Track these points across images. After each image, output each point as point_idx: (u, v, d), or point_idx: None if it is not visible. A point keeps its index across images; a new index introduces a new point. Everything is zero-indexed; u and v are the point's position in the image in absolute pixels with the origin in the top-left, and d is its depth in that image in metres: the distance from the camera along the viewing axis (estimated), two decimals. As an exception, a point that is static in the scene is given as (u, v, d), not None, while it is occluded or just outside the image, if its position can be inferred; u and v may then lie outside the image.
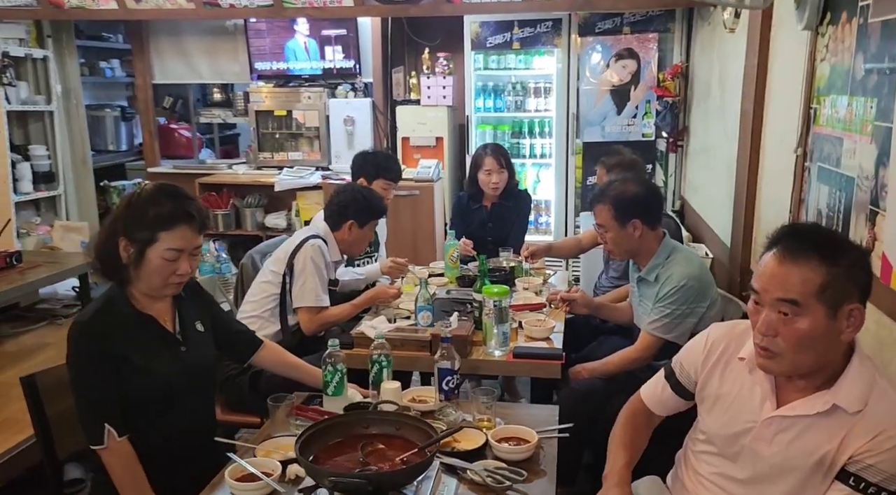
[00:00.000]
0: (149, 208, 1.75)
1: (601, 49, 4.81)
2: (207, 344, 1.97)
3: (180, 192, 1.83)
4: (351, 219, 2.87)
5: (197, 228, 1.79)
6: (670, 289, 2.36)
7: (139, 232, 1.74)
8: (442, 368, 1.97)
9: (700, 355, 1.64)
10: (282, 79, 5.18)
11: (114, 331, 1.75)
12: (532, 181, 5.25)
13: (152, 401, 1.79)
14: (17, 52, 4.82)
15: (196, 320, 1.95)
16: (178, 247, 1.75)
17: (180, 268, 1.78)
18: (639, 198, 2.44)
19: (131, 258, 1.75)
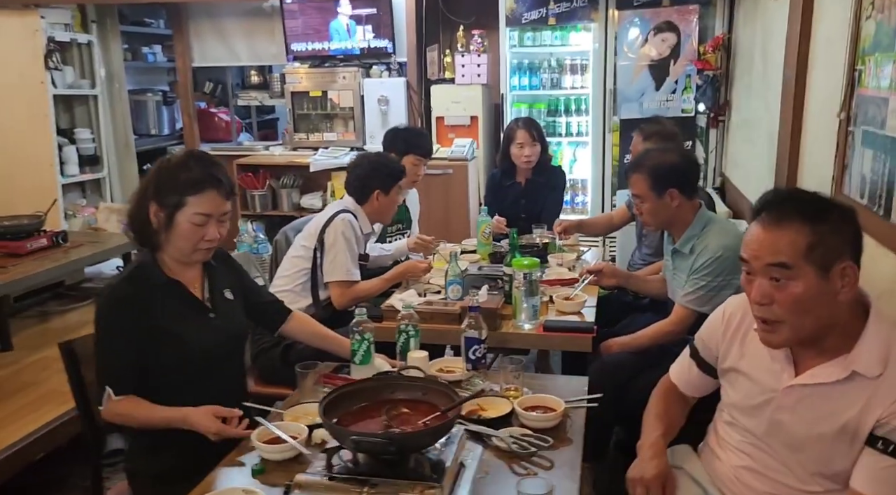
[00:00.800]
0: (178, 173, 1.78)
1: (639, 23, 4.70)
2: (237, 312, 1.99)
3: (209, 158, 1.86)
4: (376, 188, 2.87)
5: (225, 194, 1.80)
6: (706, 261, 2.31)
7: (168, 196, 1.76)
8: (469, 337, 1.96)
9: (719, 328, 1.61)
10: (317, 59, 5.20)
11: (143, 298, 1.77)
12: (568, 160, 5.18)
13: (182, 367, 1.81)
14: (63, 37, 4.93)
15: (225, 288, 1.97)
16: (205, 212, 1.77)
17: (209, 234, 1.79)
18: (676, 167, 2.39)
19: (161, 223, 1.78)
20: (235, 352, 1.99)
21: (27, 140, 4.80)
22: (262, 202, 5.17)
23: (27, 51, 4.67)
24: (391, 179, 2.90)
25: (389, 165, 2.94)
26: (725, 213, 3.91)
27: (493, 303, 2.44)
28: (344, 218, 2.82)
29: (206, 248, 1.83)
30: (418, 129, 3.52)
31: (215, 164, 1.84)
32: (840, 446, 1.36)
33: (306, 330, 2.19)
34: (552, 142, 5.07)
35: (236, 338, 1.98)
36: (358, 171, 2.92)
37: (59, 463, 2.89)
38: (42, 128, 4.79)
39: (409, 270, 2.86)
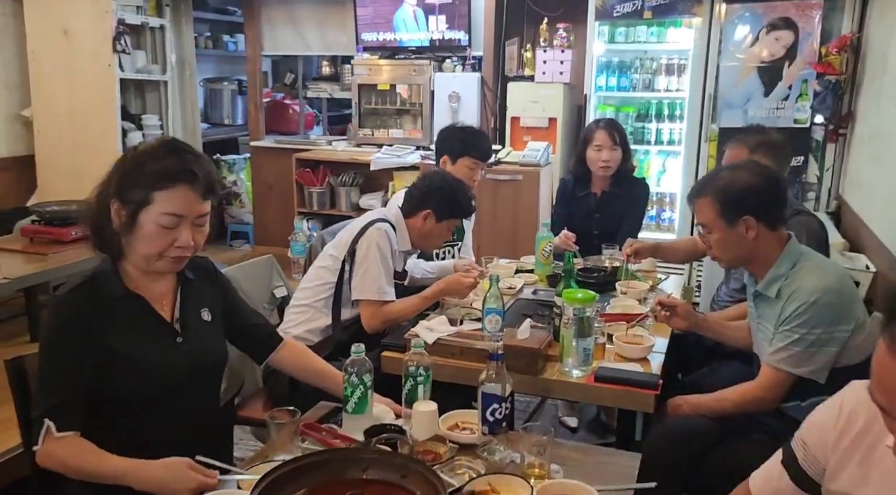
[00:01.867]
0: (145, 163, 1.47)
1: (750, 18, 4.10)
2: (213, 336, 1.65)
3: (187, 148, 1.54)
4: (430, 208, 2.49)
5: (201, 191, 1.49)
6: (798, 307, 1.80)
7: (132, 191, 1.45)
8: (487, 394, 1.54)
9: (831, 432, 1.13)
10: (388, 51, 4.88)
11: (95, 313, 1.47)
12: (657, 171, 4.63)
13: (138, 399, 1.50)
14: (134, 20, 4.83)
15: (203, 307, 1.65)
16: (175, 212, 1.46)
17: (180, 239, 1.48)
18: (753, 188, 1.89)
19: (123, 224, 1.46)
20: (207, 383, 1.65)
21: (94, 123, 4.72)
22: (319, 200, 4.89)
23: (98, 33, 4.58)
24: (451, 209, 2.52)
25: (460, 197, 2.53)
26: (841, 245, 3.30)
27: (534, 342, 2.00)
28: (380, 227, 2.45)
29: (176, 257, 1.51)
30: (477, 129, 3.11)
31: (194, 155, 1.53)
32: None
33: (299, 362, 1.84)
34: (639, 151, 4.56)
35: (209, 366, 1.64)
36: (425, 182, 2.56)
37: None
38: (108, 112, 4.70)
39: (451, 287, 2.45)
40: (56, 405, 1.43)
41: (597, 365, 2.00)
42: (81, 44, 4.63)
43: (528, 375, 1.97)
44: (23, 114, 4.83)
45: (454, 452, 1.51)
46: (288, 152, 4.93)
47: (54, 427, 1.41)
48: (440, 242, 2.68)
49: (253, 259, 2.69)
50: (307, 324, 2.43)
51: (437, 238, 2.60)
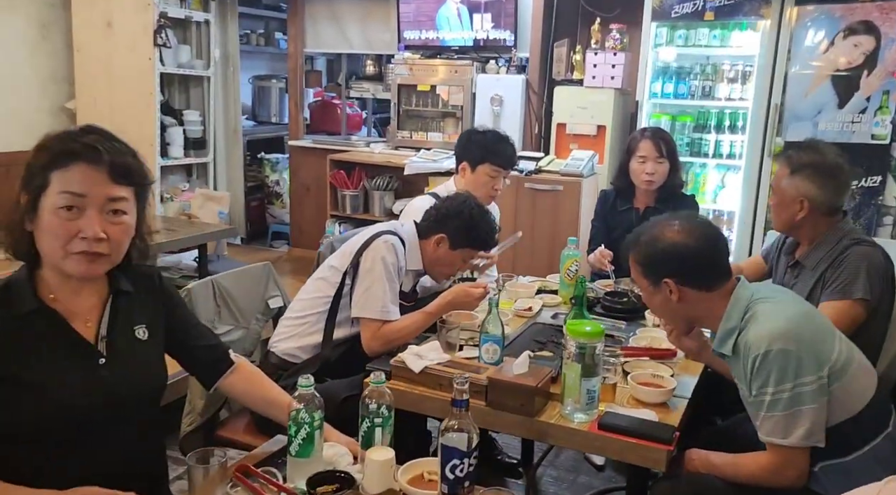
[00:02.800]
0: (51, 145, 1.28)
1: (825, 21, 3.70)
2: (147, 357, 1.44)
3: (101, 131, 1.33)
4: (445, 232, 2.26)
5: (106, 170, 1.26)
6: (752, 364, 1.54)
7: (34, 177, 1.27)
8: (448, 447, 1.28)
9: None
10: (430, 50, 4.67)
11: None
12: (714, 186, 4.25)
13: (44, 431, 1.28)
14: (177, 14, 4.78)
15: (139, 324, 1.44)
16: (74, 191, 1.24)
17: (84, 228, 1.25)
18: (677, 248, 1.65)
19: (25, 214, 1.27)
20: (136, 411, 1.41)
21: (133, 116, 4.69)
22: (353, 203, 4.72)
23: (139, 25, 4.55)
24: (467, 238, 2.28)
25: (480, 226, 2.29)
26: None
27: (531, 379, 1.73)
28: (388, 240, 2.22)
29: (84, 254, 1.27)
30: (500, 133, 2.85)
31: (108, 138, 1.31)
32: None
33: (251, 390, 1.62)
34: (696, 164, 4.21)
35: (140, 392, 1.41)
36: (447, 203, 2.33)
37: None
38: (147, 106, 4.66)
39: (457, 299, 2.19)
40: None
41: (604, 408, 1.73)
42: (123, 36, 4.61)
43: (523, 416, 1.71)
44: (67, 106, 4.86)
45: (406, 513, 1.28)
46: (325, 153, 4.79)
47: None
48: (451, 272, 2.41)
49: (247, 265, 2.52)
50: (297, 340, 2.23)
51: (448, 267, 2.36)
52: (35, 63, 4.69)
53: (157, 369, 1.47)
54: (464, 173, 2.79)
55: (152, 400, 1.47)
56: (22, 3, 4.57)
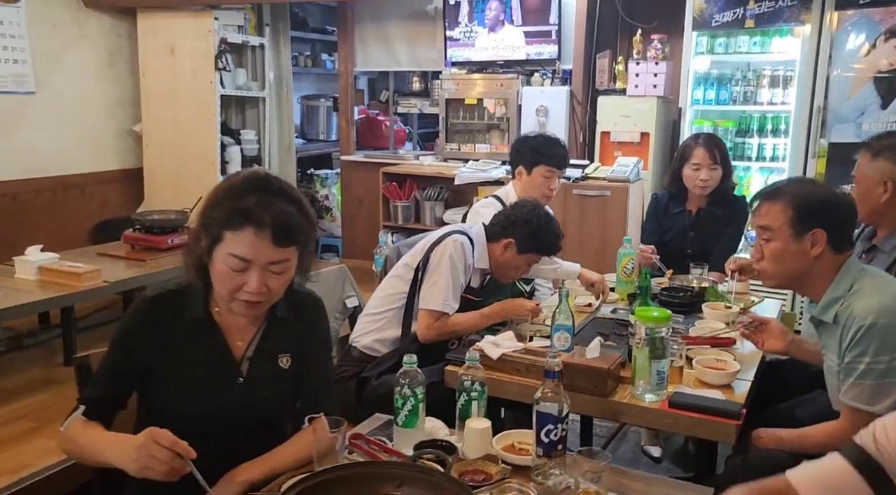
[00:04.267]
0: (225, 198, 1.39)
1: (866, 25, 3.79)
2: (283, 387, 1.52)
3: (272, 187, 1.39)
4: (513, 237, 2.40)
5: (270, 238, 1.35)
6: (855, 334, 1.63)
7: (211, 225, 1.39)
8: (543, 413, 1.43)
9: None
10: (476, 65, 4.85)
11: (162, 330, 1.43)
12: (757, 189, 4.32)
13: (176, 429, 1.31)
14: (235, 39, 5.05)
15: (284, 352, 1.52)
16: (241, 255, 1.35)
17: (249, 284, 1.37)
18: (833, 203, 1.75)
19: (204, 255, 1.41)
20: (264, 431, 1.48)
21: (195, 137, 4.96)
22: (404, 214, 4.91)
23: (200, 50, 4.82)
24: (532, 244, 2.41)
25: (546, 233, 2.42)
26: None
27: (604, 362, 1.87)
28: (458, 240, 2.38)
29: (247, 301, 1.40)
30: (550, 136, 3.01)
31: (273, 195, 1.38)
32: None
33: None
34: (739, 167, 4.30)
35: (268, 418, 1.50)
36: (516, 210, 2.47)
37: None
38: (209, 127, 4.93)
39: (511, 309, 2.35)
40: (96, 397, 1.43)
41: (672, 389, 1.85)
42: (185, 62, 4.89)
43: (596, 397, 1.85)
44: (133, 129, 5.14)
45: (506, 473, 1.42)
46: (376, 167, 4.99)
47: (82, 413, 1.40)
48: (517, 275, 2.56)
49: (325, 268, 2.70)
50: (376, 334, 2.40)
51: (513, 270, 2.49)
52: (103, 89, 5.00)
53: (289, 398, 1.53)
54: (520, 177, 2.94)
55: (278, 422, 1.52)
56: (91, 33, 4.88)
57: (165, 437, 1.22)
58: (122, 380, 1.45)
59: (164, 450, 1.21)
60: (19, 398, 2.97)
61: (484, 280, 2.57)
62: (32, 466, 2.40)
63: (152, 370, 1.44)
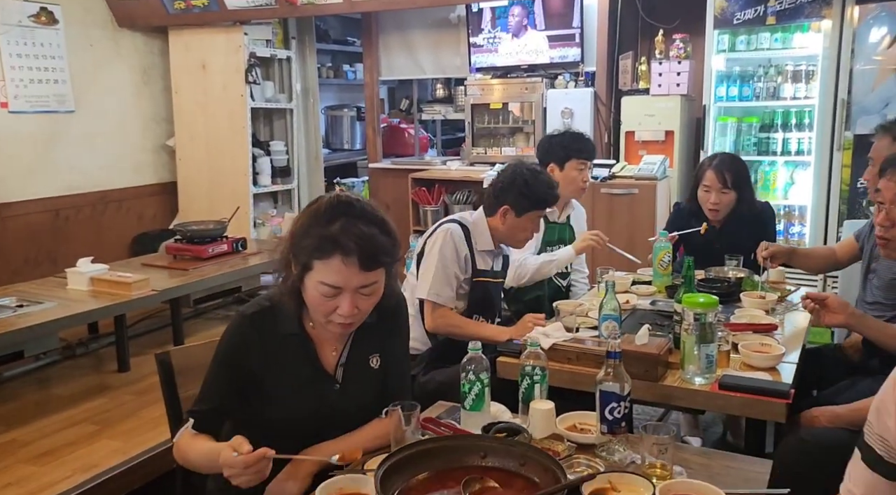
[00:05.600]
0: (312, 226, 1.44)
1: (887, 18, 3.85)
2: (377, 384, 1.62)
3: (355, 212, 1.43)
4: (506, 203, 2.46)
5: (357, 263, 1.40)
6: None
7: (300, 254, 1.45)
8: (606, 392, 1.51)
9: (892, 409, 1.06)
10: (500, 70, 4.95)
11: (262, 345, 1.51)
12: (784, 183, 4.39)
13: (278, 435, 1.43)
14: (264, 53, 5.18)
15: (374, 353, 1.62)
16: (331, 284, 1.42)
17: (342, 308, 1.44)
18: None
19: (296, 281, 1.48)
20: (357, 426, 1.58)
21: (227, 150, 5.09)
22: (434, 218, 4.99)
23: (231, 65, 4.95)
24: (526, 201, 2.45)
25: (536, 186, 2.46)
26: None
27: (653, 348, 1.95)
28: (447, 229, 2.44)
29: (341, 323, 1.48)
30: (575, 131, 3.09)
31: (360, 220, 1.42)
32: None
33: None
34: (765, 162, 4.37)
35: (364, 414, 1.59)
36: (499, 179, 2.54)
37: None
38: (240, 140, 5.05)
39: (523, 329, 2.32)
40: (203, 410, 1.51)
41: (721, 373, 1.92)
42: (217, 77, 5.03)
43: (648, 381, 1.92)
44: (167, 144, 5.29)
45: (572, 451, 1.50)
46: (404, 173, 5.09)
47: (192, 426, 1.49)
48: (528, 236, 2.57)
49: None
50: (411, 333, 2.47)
51: (522, 232, 2.52)
52: (138, 105, 5.15)
53: (380, 395, 1.60)
54: (553, 174, 2.98)
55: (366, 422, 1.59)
56: (126, 52, 5.04)
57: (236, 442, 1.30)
58: (229, 393, 1.52)
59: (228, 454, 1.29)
60: (78, 404, 3.07)
61: (496, 262, 2.58)
62: (101, 465, 2.51)
63: (255, 381, 1.51)
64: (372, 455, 1.48)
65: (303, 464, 1.47)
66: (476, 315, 2.51)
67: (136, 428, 2.81)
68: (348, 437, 1.53)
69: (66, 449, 2.65)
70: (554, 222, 3.04)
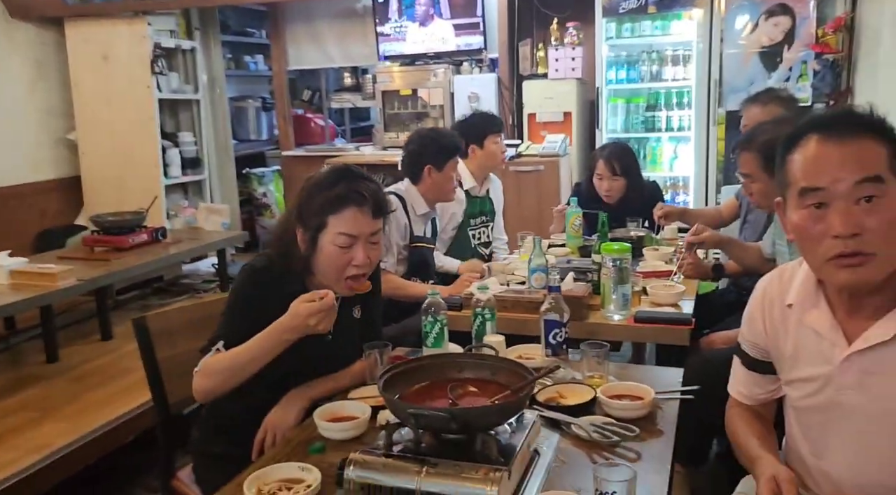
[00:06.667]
0: (318, 192, 1.64)
1: (749, 7, 4.37)
2: (357, 330, 1.82)
3: (352, 173, 1.68)
4: (427, 164, 2.75)
5: (370, 211, 1.62)
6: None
7: (311, 218, 1.63)
8: (549, 320, 1.79)
9: (759, 318, 1.37)
10: (408, 58, 5.17)
11: (269, 297, 1.65)
12: (668, 157, 4.88)
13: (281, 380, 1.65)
14: (168, 44, 5.14)
15: (356, 305, 1.82)
16: (348, 232, 1.61)
17: (356, 258, 1.63)
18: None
19: (308, 248, 1.65)
20: (344, 368, 1.78)
21: (135, 142, 5.02)
22: (353, 201, 5.16)
23: (135, 56, 4.89)
24: (444, 154, 2.76)
25: (441, 140, 2.80)
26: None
27: (579, 291, 2.25)
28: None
29: (355, 275, 1.66)
30: (483, 111, 3.40)
31: (361, 179, 1.67)
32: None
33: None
34: (651, 138, 4.83)
35: (347, 357, 1.79)
36: (410, 147, 2.83)
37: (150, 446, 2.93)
38: (148, 131, 5.00)
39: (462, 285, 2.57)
40: (230, 338, 1.62)
41: (635, 310, 2.25)
42: (120, 68, 4.95)
43: (576, 321, 2.21)
44: (68, 137, 5.14)
45: (524, 373, 1.76)
46: (318, 160, 5.20)
47: (223, 346, 1.60)
48: (453, 184, 2.85)
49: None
50: None
51: (448, 182, 2.81)
52: (34, 99, 4.98)
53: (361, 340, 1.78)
54: (474, 154, 3.22)
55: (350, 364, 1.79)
56: (19, 45, 4.86)
57: (307, 296, 1.53)
58: (247, 329, 1.63)
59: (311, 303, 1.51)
60: (11, 395, 3.05)
61: (429, 226, 2.88)
62: (53, 445, 2.55)
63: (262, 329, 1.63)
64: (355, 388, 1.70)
65: (296, 398, 1.65)
66: (414, 277, 2.74)
67: (81, 410, 2.85)
68: (335, 377, 1.73)
69: (10, 435, 2.66)
70: (476, 196, 3.29)
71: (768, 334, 1.36)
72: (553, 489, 1.25)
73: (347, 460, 1.25)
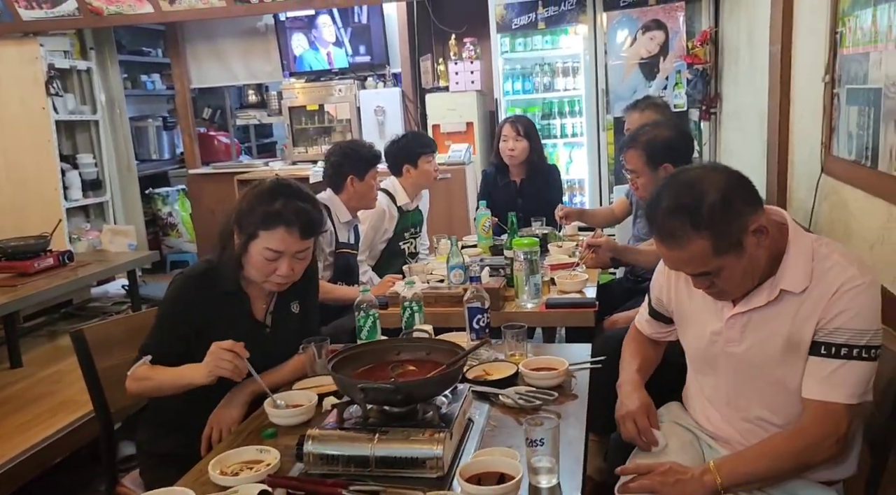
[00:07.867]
0: (257, 204, 1.74)
1: (627, 22, 4.79)
2: (299, 325, 1.94)
3: (293, 192, 1.78)
4: (349, 174, 2.88)
5: (298, 232, 1.73)
6: None
7: (246, 225, 1.74)
8: (472, 307, 1.99)
9: (663, 276, 1.67)
10: (313, 74, 5.29)
11: (203, 301, 1.76)
12: (565, 161, 5.24)
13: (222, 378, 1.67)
14: (63, 64, 5.02)
15: (294, 300, 1.93)
16: (275, 249, 1.73)
17: (280, 269, 1.75)
18: (671, 141, 2.46)
19: (239, 247, 1.76)
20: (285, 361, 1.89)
21: (32, 166, 4.86)
22: (264, 216, 5.20)
23: (27, 78, 4.75)
24: (364, 164, 2.90)
25: (360, 151, 2.94)
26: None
27: (495, 283, 2.47)
28: None
29: (278, 283, 1.79)
30: (413, 132, 3.58)
31: (298, 199, 1.76)
32: (792, 364, 1.42)
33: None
34: (548, 145, 5.14)
35: (287, 351, 1.90)
36: (332, 159, 2.95)
37: (79, 468, 2.91)
38: (45, 154, 4.86)
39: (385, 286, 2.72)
40: (156, 352, 1.73)
41: (545, 298, 2.49)
42: (12, 90, 4.79)
43: (493, 311, 2.42)
44: (-44, 162, 4.92)
45: (452, 357, 1.95)
46: (226, 177, 5.22)
47: (149, 361, 1.72)
48: (375, 193, 3.01)
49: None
50: None
51: (370, 191, 2.95)
52: (-83, 124, 4.74)
53: (300, 335, 1.90)
54: (409, 174, 3.34)
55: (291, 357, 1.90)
56: None
57: (226, 343, 1.63)
58: (175, 340, 1.75)
59: (227, 352, 1.61)
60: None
61: (352, 234, 3.02)
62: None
63: (197, 334, 1.75)
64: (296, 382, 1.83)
65: (239, 394, 1.76)
66: (340, 281, 2.87)
67: (22, 425, 2.82)
68: (274, 371, 1.85)
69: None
70: (407, 210, 3.44)
71: (672, 295, 1.64)
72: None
73: (306, 436, 1.39)
